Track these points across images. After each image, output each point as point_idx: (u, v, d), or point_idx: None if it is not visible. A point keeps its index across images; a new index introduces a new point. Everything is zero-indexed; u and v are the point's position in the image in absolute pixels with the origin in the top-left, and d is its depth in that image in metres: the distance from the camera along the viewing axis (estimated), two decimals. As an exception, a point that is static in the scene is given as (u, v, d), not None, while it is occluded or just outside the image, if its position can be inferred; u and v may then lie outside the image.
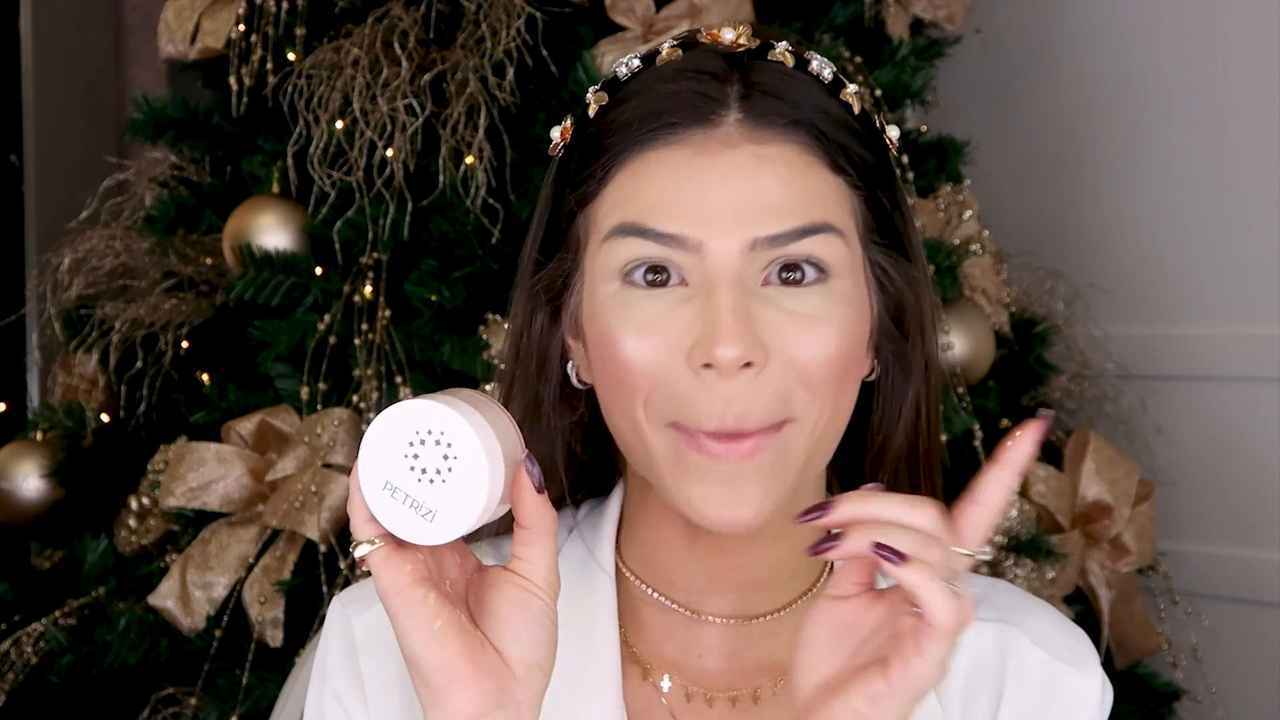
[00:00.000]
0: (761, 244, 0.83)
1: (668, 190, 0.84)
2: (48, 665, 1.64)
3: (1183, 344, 2.09)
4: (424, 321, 1.61)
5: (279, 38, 1.69)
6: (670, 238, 0.83)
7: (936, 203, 1.80)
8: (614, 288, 0.86)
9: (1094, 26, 2.21)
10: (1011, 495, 1.64)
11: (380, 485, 0.76)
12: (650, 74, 0.89)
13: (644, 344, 0.84)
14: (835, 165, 0.86)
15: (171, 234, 1.82)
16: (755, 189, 0.84)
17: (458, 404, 0.76)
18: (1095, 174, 2.21)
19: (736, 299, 0.82)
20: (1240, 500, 2.04)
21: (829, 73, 0.89)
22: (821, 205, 0.85)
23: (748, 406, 0.83)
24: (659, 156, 0.85)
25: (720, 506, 0.84)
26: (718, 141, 0.85)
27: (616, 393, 0.86)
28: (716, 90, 0.86)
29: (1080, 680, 0.92)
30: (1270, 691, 2.00)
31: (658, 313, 0.84)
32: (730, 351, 0.81)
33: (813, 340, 0.84)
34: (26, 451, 1.82)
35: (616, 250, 0.85)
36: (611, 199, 0.87)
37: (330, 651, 0.93)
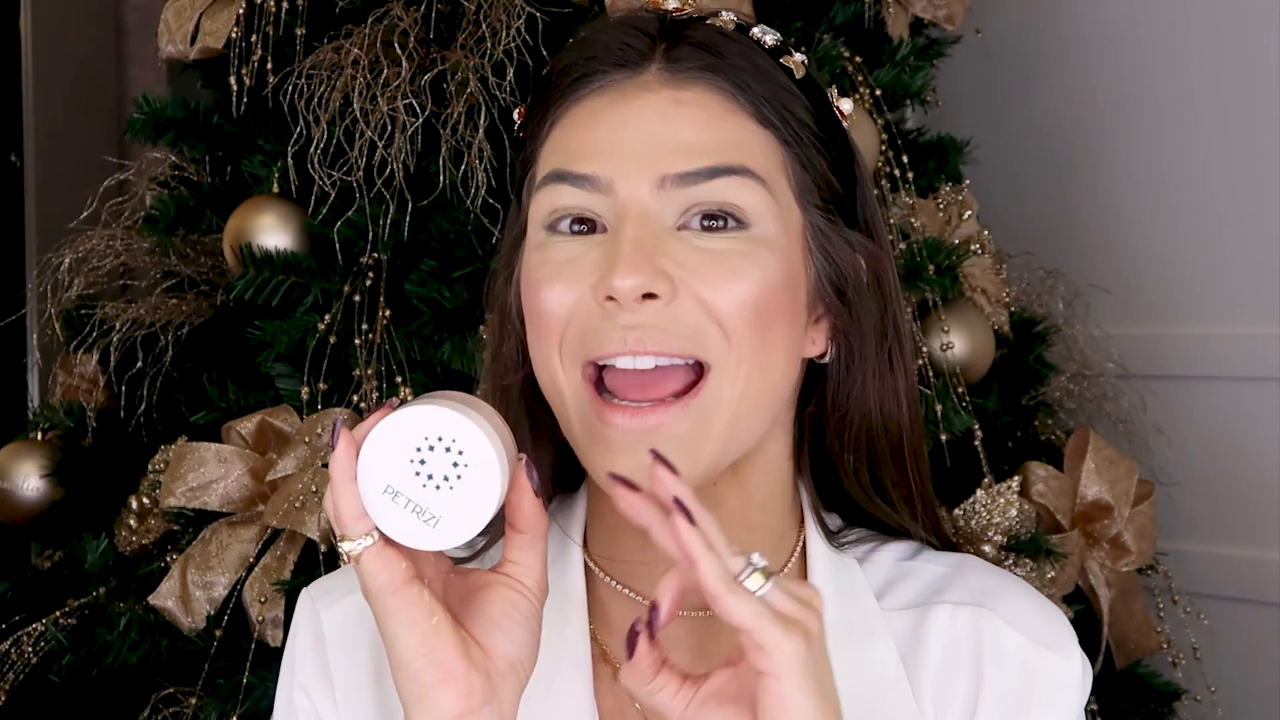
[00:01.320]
0: (671, 181, 0.83)
1: (589, 135, 0.86)
2: (48, 665, 1.64)
3: (1183, 344, 2.09)
4: (424, 321, 1.61)
5: (279, 38, 1.69)
6: (585, 179, 0.84)
7: (936, 203, 1.80)
8: (541, 236, 0.87)
9: (1094, 27, 2.22)
10: (1012, 495, 1.65)
11: (380, 489, 0.75)
12: (588, 28, 0.91)
13: (556, 285, 0.84)
14: (761, 116, 0.86)
15: (171, 234, 1.82)
16: (669, 130, 0.84)
17: (465, 410, 0.75)
18: (1095, 174, 2.21)
19: (638, 231, 0.82)
20: (1240, 500, 2.04)
21: (771, 39, 0.90)
22: (740, 150, 0.85)
23: (651, 332, 0.82)
24: (584, 106, 0.87)
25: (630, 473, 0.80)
26: (636, 86, 0.86)
27: (536, 339, 0.86)
28: (643, 42, 0.87)
29: (1060, 664, 0.91)
30: (1270, 691, 2.00)
31: (572, 255, 0.85)
32: (627, 280, 0.81)
33: (725, 278, 0.83)
34: (26, 451, 1.82)
35: (543, 199, 0.87)
36: (545, 153, 0.88)
37: (298, 645, 0.93)
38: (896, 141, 1.78)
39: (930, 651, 0.91)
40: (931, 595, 0.93)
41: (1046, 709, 0.91)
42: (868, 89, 1.76)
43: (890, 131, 1.77)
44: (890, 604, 0.94)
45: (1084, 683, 0.92)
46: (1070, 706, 0.92)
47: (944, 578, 0.94)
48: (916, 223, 1.75)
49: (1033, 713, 0.90)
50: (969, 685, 0.90)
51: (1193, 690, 1.86)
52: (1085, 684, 0.93)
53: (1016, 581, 0.95)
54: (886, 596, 0.94)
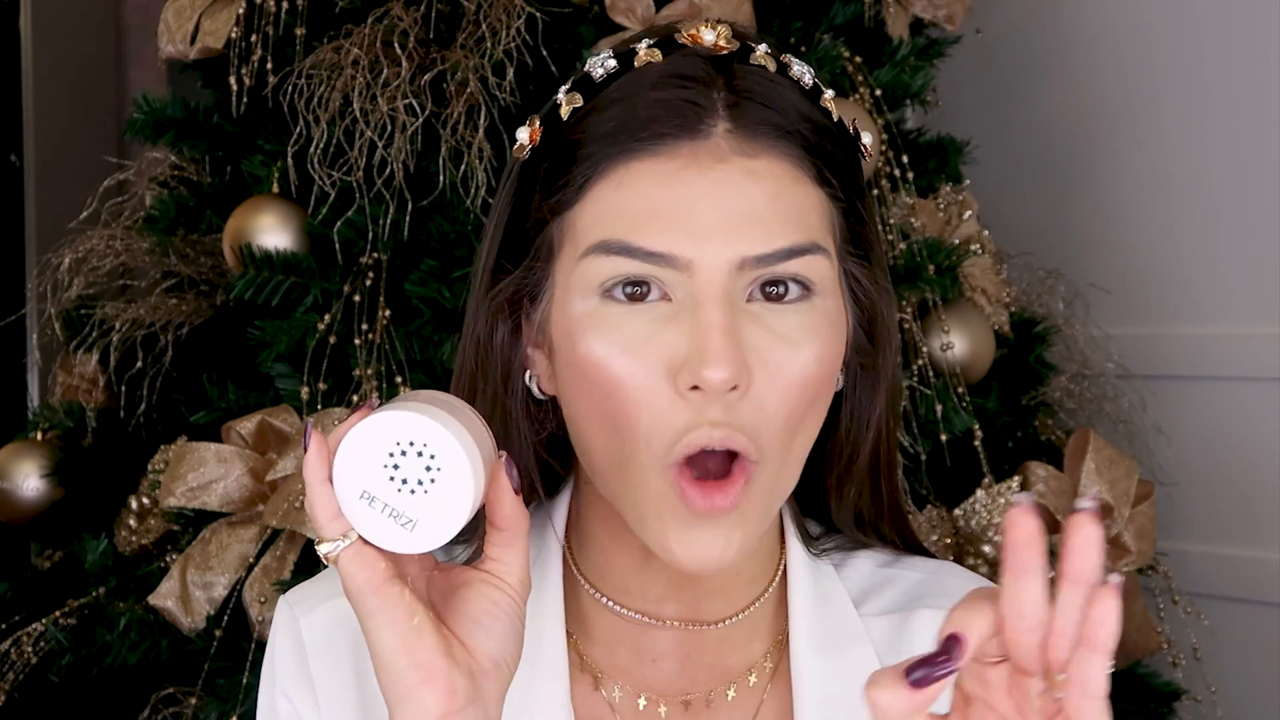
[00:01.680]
0: (750, 263, 0.81)
1: (653, 204, 0.81)
2: (48, 665, 1.64)
3: (1183, 344, 2.10)
4: (424, 321, 1.61)
5: (279, 38, 1.69)
6: (658, 256, 0.80)
7: (936, 203, 1.80)
8: (592, 304, 0.82)
9: (1094, 26, 2.22)
10: (1012, 495, 1.64)
11: (357, 494, 0.75)
12: (631, 78, 0.85)
13: (631, 363, 0.81)
14: (820, 178, 0.84)
15: (171, 234, 1.82)
16: (744, 205, 0.81)
17: (435, 412, 0.75)
18: (1095, 174, 2.21)
19: (726, 319, 0.80)
20: (1240, 500, 2.04)
21: (809, 79, 0.87)
22: (807, 223, 0.83)
23: (728, 431, 0.81)
24: (644, 168, 0.82)
25: (698, 550, 0.82)
26: (707, 154, 0.81)
27: (607, 421, 0.83)
28: (703, 97, 0.83)
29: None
30: (1270, 691, 2.00)
31: (641, 331, 0.81)
32: (720, 374, 0.79)
33: (794, 360, 0.82)
34: (26, 451, 1.82)
35: (598, 266, 0.82)
36: (592, 211, 0.83)
37: (278, 653, 0.92)
38: (896, 141, 1.78)
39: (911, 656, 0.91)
40: (912, 601, 0.93)
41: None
42: (868, 89, 1.76)
43: (890, 131, 1.77)
44: (870, 610, 0.94)
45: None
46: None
47: (924, 583, 0.94)
48: (916, 223, 1.75)
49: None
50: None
51: (1193, 690, 1.86)
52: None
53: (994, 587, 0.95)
54: (866, 603, 0.94)
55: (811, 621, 0.92)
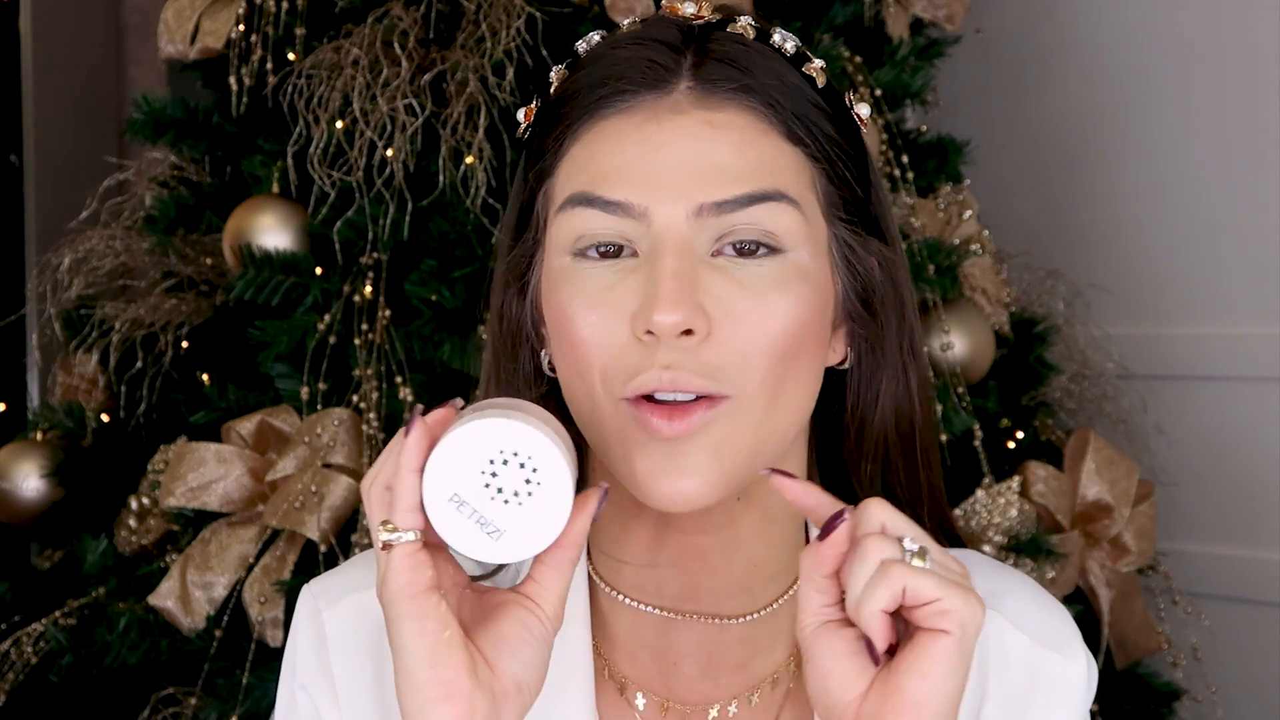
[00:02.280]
0: (708, 209, 0.82)
1: (615, 157, 0.83)
2: (48, 665, 1.64)
3: (1183, 344, 2.10)
4: (424, 321, 1.61)
5: (279, 38, 1.69)
6: (617, 205, 0.82)
7: (936, 203, 1.80)
8: (566, 261, 0.85)
9: (1094, 26, 2.22)
10: (1012, 495, 1.65)
11: (446, 496, 0.74)
12: (606, 43, 0.88)
13: (592, 315, 0.83)
14: (791, 134, 0.85)
15: (171, 234, 1.82)
16: (703, 154, 0.82)
17: (542, 426, 0.74)
18: (1095, 174, 2.21)
19: (679, 264, 0.81)
20: (1240, 500, 2.04)
21: (791, 45, 0.88)
22: (773, 173, 0.83)
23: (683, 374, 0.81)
24: (610, 125, 0.84)
25: (664, 479, 0.82)
26: (667, 108, 0.83)
27: (574, 368, 0.85)
28: (669, 58, 0.85)
29: (1064, 665, 0.91)
30: (1270, 691, 2.00)
31: (605, 283, 0.83)
32: (668, 317, 0.79)
33: (759, 313, 0.82)
34: (26, 451, 1.82)
35: (568, 222, 0.84)
36: (565, 171, 0.86)
37: (300, 644, 0.92)
38: (896, 141, 1.78)
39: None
40: None
41: (1050, 710, 0.90)
42: (868, 89, 1.76)
43: (890, 131, 1.77)
44: None
45: (1089, 683, 0.92)
46: (1074, 708, 0.91)
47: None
48: (916, 223, 1.75)
49: (1035, 714, 0.90)
50: (975, 688, 0.89)
51: (1193, 690, 1.86)
52: (1090, 684, 0.92)
53: (1021, 579, 0.95)
54: None
55: None
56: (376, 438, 1.56)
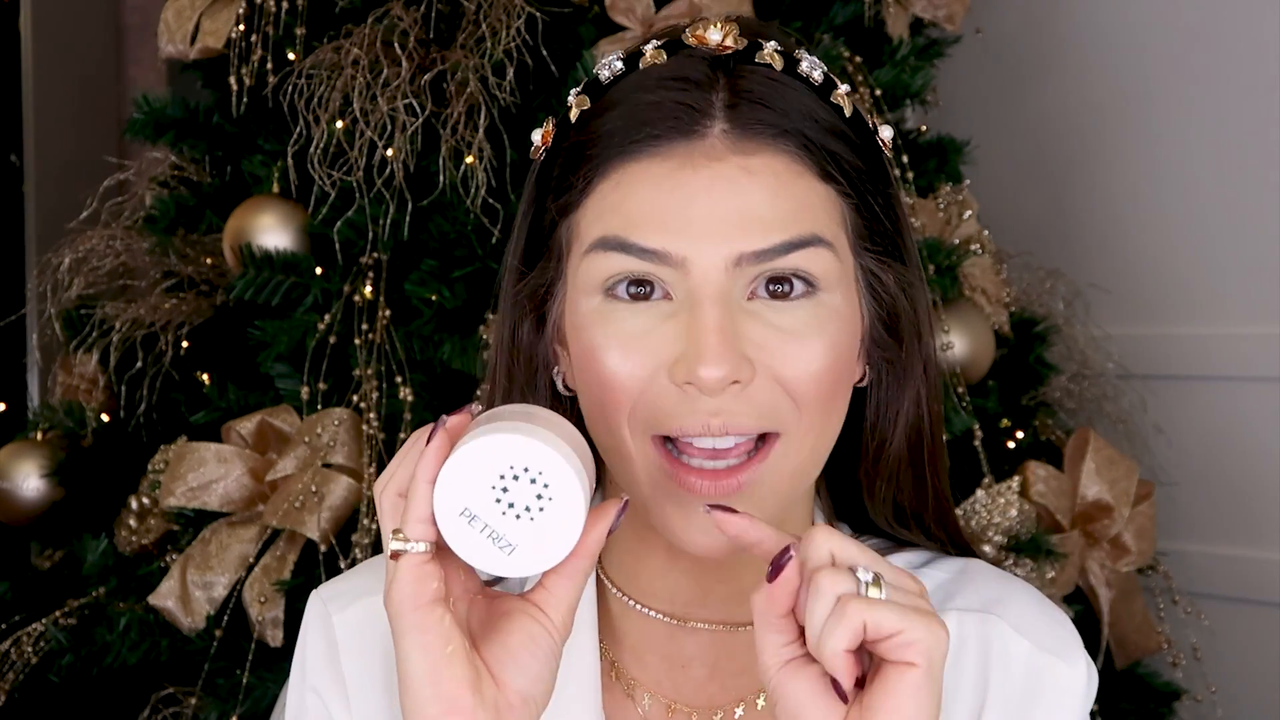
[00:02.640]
0: (747, 259, 0.81)
1: (650, 204, 0.82)
2: (48, 665, 1.64)
3: (1183, 344, 2.10)
4: (424, 321, 1.61)
5: (279, 38, 1.69)
6: (653, 253, 0.81)
7: (936, 203, 1.80)
8: (596, 301, 0.84)
9: (1094, 26, 2.22)
10: (1012, 495, 1.65)
11: (457, 510, 0.73)
12: (634, 80, 0.86)
13: (627, 360, 0.82)
14: (824, 174, 0.84)
15: (171, 234, 1.82)
16: (741, 203, 0.81)
17: (552, 439, 0.74)
18: (1095, 174, 2.21)
19: (721, 317, 0.80)
20: (1240, 500, 2.04)
21: (819, 74, 0.87)
22: (810, 217, 0.83)
23: (733, 419, 0.81)
24: (642, 168, 0.83)
25: (701, 534, 0.82)
26: (702, 154, 0.82)
27: (600, 406, 0.84)
28: (700, 100, 0.83)
29: (1066, 670, 0.91)
30: (1270, 691, 2.00)
31: (640, 328, 0.82)
32: (715, 372, 0.79)
33: (800, 356, 0.82)
34: (26, 451, 1.82)
35: (598, 264, 0.83)
36: (594, 210, 0.84)
37: (309, 648, 0.92)
38: (896, 141, 1.78)
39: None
40: (940, 602, 0.93)
41: (1051, 715, 0.90)
42: (868, 89, 1.76)
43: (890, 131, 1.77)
44: None
45: (1089, 689, 0.92)
46: (1074, 713, 0.91)
47: (951, 584, 0.94)
48: (916, 223, 1.75)
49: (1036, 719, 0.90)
50: (975, 692, 0.90)
51: (1193, 691, 1.86)
52: (1090, 690, 0.92)
53: (1023, 586, 0.95)
54: None
55: None
56: (376, 438, 1.56)
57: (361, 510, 1.55)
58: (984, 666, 0.90)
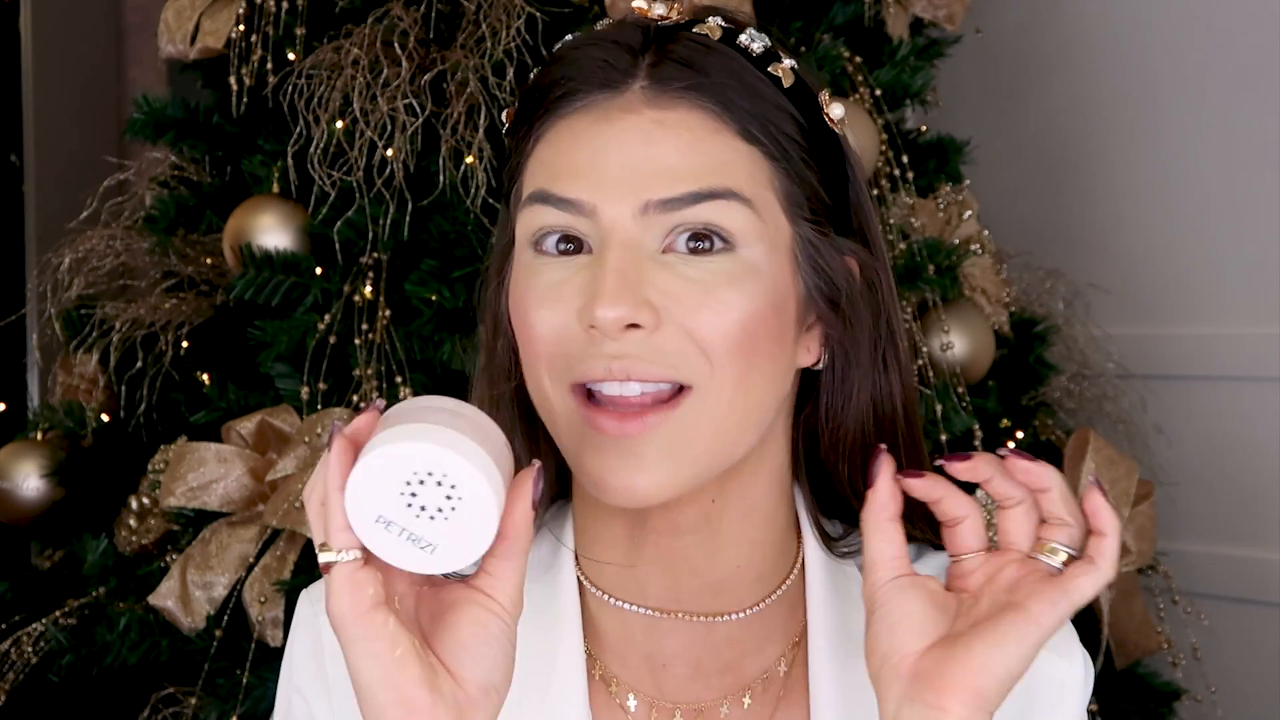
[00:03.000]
0: (654, 207, 0.82)
1: (569, 156, 0.85)
2: (48, 665, 1.64)
3: (1183, 344, 2.10)
4: (424, 321, 1.61)
5: (279, 38, 1.69)
6: (568, 202, 0.84)
7: (936, 203, 1.80)
8: (528, 257, 0.86)
9: (1094, 26, 2.22)
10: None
11: (372, 518, 0.73)
12: (571, 43, 0.89)
13: (543, 308, 0.84)
14: (746, 133, 0.85)
15: (171, 234, 1.82)
16: (651, 153, 0.83)
17: (449, 437, 0.73)
18: (1095, 174, 2.21)
19: (622, 260, 0.82)
20: (1240, 500, 2.04)
21: (759, 46, 0.88)
22: (725, 172, 0.84)
23: (635, 364, 0.81)
24: (566, 124, 0.86)
25: (615, 474, 0.82)
26: (619, 107, 0.84)
27: (527, 359, 0.86)
28: (625, 59, 0.86)
29: (1064, 666, 0.91)
30: (1270, 691, 2.00)
31: (558, 278, 0.84)
32: (610, 312, 0.80)
33: (710, 308, 0.82)
34: (26, 451, 1.82)
35: (528, 218, 0.86)
36: (531, 169, 0.87)
37: (296, 649, 0.92)
38: (896, 141, 1.78)
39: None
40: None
41: (1049, 712, 0.90)
42: (868, 89, 1.76)
43: (890, 131, 1.77)
44: None
45: (1085, 683, 0.92)
46: (1071, 708, 0.91)
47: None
48: (916, 223, 1.75)
49: (1034, 715, 0.90)
50: None
51: (1193, 691, 1.86)
52: (1087, 684, 0.92)
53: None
54: None
55: (831, 622, 0.91)
56: (376, 438, 1.56)
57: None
58: None
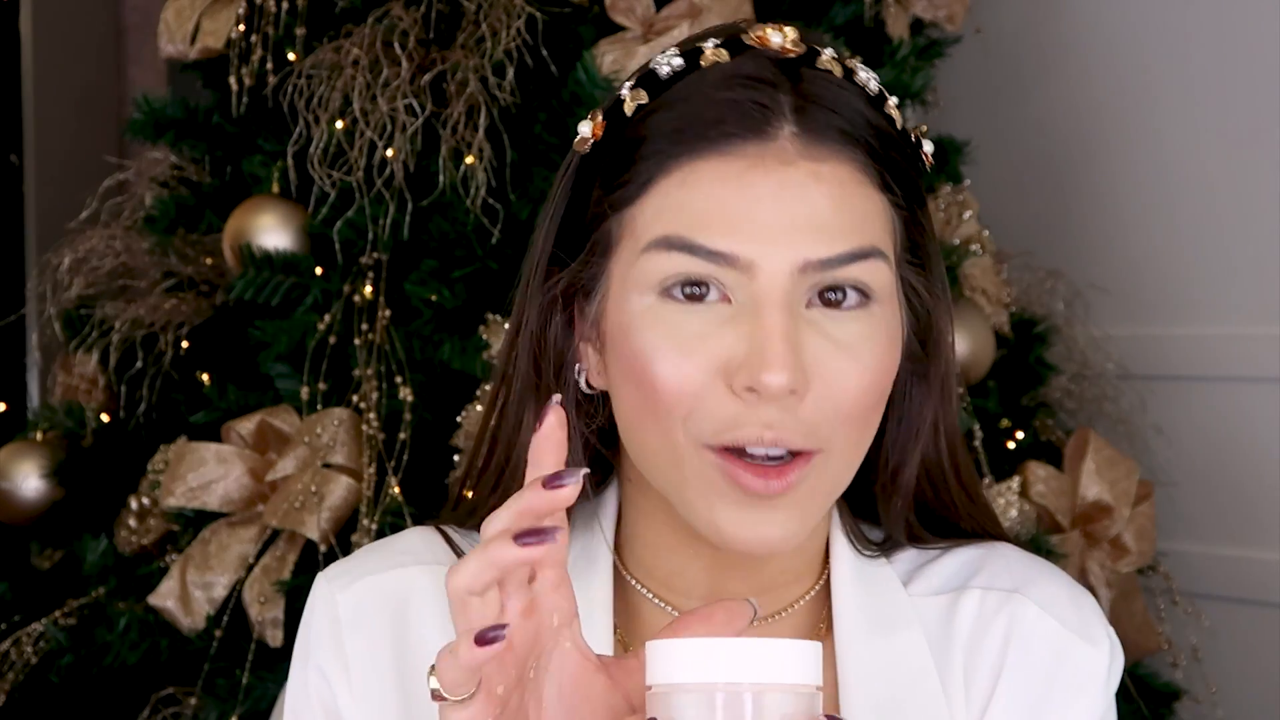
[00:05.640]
0: (812, 267, 0.81)
1: (718, 204, 0.81)
2: (48, 665, 1.64)
3: (1183, 344, 2.09)
4: (424, 321, 1.61)
5: (279, 38, 1.69)
6: (719, 255, 0.81)
7: (936, 203, 1.80)
8: (649, 301, 0.82)
9: (1094, 26, 2.21)
10: (1012, 495, 1.65)
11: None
12: (697, 77, 0.85)
13: (684, 364, 0.81)
14: (883, 184, 0.84)
15: (171, 234, 1.82)
16: (809, 210, 0.81)
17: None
18: (1095, 174, 2.21)
19: (786, 323, 0.80)
20: (1240, 500, 2.04)
21: (875, 85, 0.88)
22: (870, 228, 0.83)
23: (784, 431, 0.81)
24: (710, 167, 0.82)
25: (750, 528, 0.82)
26: (774, 156, 0.82)
27: (651, 411, 0.83)
28: (769, 99, 0.83)
29: (1089, 652, 0.91)
30: (1270, 691, 2.00)
31: (697, 331, 0.81)
32: (778, 379, 0.79)
33: (851, 371, 0.82)
34: (26, 451, 1.82)
35: (658, 263, 0.82)
36: (654, 208, 0.83)
37: (314, 628, 0.91)
38: (914, 148, 1.78)
39: (960, 637, 0.90)
40: (963, 580, 0.92)
41: (1073, 699, 0.90)
42: (868, 89, 1.76)
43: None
44: (918, 590, 0.93)
45: (1111, 670, 0.92)
46: (1095, 697, 0.91)
47: (976, 560, 0.93)
48: (916, 223, 1.75)
49: (1055, 699, 0.90)
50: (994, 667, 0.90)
51: (1193, 691, 1.86)
52: (1113, 671, 0.92)
53: (1050, 568, 0.95)
54: (914, 582, 0.93)
55: (858, 602, 0.91)
56: (376, 438, 1.56)
57: (361, 510, 1.55)
58: (1005, 645, 0.90)
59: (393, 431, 1.57)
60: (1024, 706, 0.89)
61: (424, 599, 0.90)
